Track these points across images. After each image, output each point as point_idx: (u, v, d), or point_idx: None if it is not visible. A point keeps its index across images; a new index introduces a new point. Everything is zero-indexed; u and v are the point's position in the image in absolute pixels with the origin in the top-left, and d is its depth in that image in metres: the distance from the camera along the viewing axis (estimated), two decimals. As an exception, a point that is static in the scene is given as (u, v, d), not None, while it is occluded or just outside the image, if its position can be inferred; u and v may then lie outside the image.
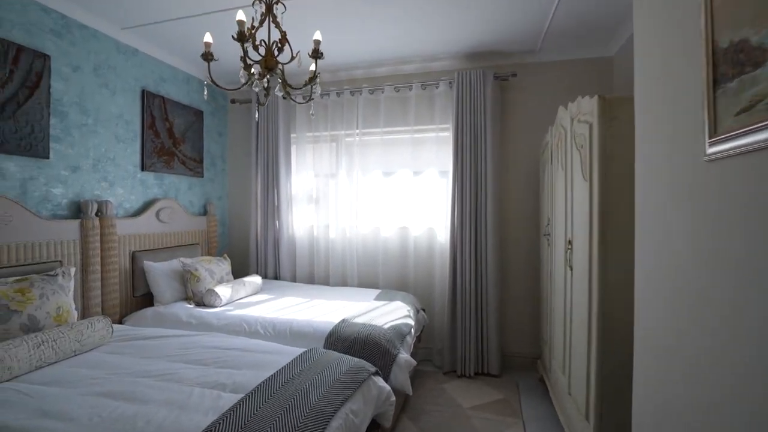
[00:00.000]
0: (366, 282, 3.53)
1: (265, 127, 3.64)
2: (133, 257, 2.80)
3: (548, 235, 2.62)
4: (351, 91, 3.48)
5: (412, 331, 2.52)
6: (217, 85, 1.80)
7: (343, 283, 3.55)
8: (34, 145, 2.24)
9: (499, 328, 3.11)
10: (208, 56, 1.76)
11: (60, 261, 2.31)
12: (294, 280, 3.70)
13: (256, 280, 3.17)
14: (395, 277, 3.46)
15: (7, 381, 1.59)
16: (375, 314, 2.50)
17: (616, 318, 1.60)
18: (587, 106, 1.74)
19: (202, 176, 3.58)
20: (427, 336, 3.31)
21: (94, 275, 2.48)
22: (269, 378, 1.56)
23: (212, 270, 3.00)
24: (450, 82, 3.27)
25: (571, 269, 1.99)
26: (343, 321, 2.34)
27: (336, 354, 1.90)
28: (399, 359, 2.10)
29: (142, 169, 2.95)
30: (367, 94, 3.45)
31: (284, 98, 3.57)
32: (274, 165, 3.64)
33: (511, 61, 3.22)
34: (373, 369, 1.81)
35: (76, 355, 1.86)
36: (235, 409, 1.32)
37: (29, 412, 1.34)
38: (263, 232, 3.70)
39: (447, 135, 3.34)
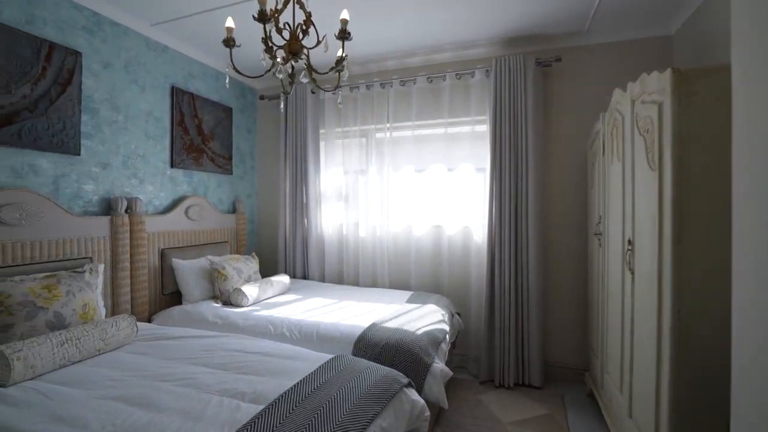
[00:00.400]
0: (397, 283, 3.37)
1: (294, 122, 3.56)
2: (162, 255, 2.78)
3: (600, 234, 2.36)
4: (381, 84, 3.33)
5: (447, 337, 2.33)
6: (239, 72, 1.69)
7: (373, 283, 3.41)
8: (65, 142, 2.24)
9: (541, 335, 2.86)
10: (229, 42, 1.66)
11: (90, 258, 2.30)
12: (323, 279, 3.60)
13: (284, 279, 3.09)
14: (428, 278, 3.28)
15: (30, 379, 1.55)
16: (407, 318, 2.33)
17: (694, 330, 1.35)
18: (655, 84, 1.49)
19: (231, 173, 3.55)
20: (462, 342, 3.10)
21: (123, 272, 2.47)
22: (292, 388, 1.43)
23: (240, 269, 2.93)
24: (487, 70, 3.05)
25: (632, 273, 1.74)
26: (372, 325, 2.19)
27: (365, 362, 1.75)
28: (434, 369, 1.92)
29: (172, 166, 2.93)
30: (398, 86, 3.29)
31: (313, 93, 3.49)
32: (302, 162, 3.55)
33: (555, 45, 2.96)
34: (405, 380, 1.65)
35: (100, 354, 1.81)
36: (253, 424, 1.19)
37: (45, 416, 1.28)
38: (292, 231, 3.62)
39: (484, 128, 3.13)
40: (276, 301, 2.79)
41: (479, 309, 3.08)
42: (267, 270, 3.80)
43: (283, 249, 3.64)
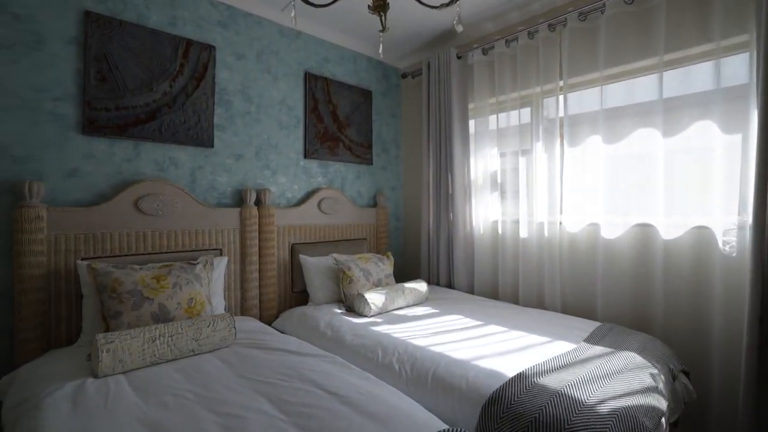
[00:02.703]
0: (575, 307, 2.36)
1: (437, 99, 2.97)
2: (293, 250, 2.63)
3: None
4: (550, 25, 2.39)
5: (664, 421, 1.30)
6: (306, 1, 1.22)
7: (539, 304, 2.49)
8: (199, 135, 2.27)
9: None
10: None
11: (220, 249, 2.29)
12: (471, 291, 2.88)
13: (419, 287, 2.53)
14: (627, 305, 2.15)
15: (121, 373, 1.46)
16: (583, 372, 1.42)
17: None
18: None
19: (371, 164, 3.22)
20: (693, 418, 1.88)
21: (251, 266, 2.39)
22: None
23: (368, 270, 2.53)
24: (750, -45, 1.76)
25: None
26: (520, 377, 1.39)
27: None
28: (632, 493, 1.00)
29: (305, 156, 2.78)
30: (576, 21, 2.28)
31: (459, 57, 2.80)
32: (447, 144, 2.93)
33: None
34: None
35: (194, 355, 1.64)
36: None
37: (74, 430, 1.09)
38: (435, 228, 3.04)
39: (740, 59, 1.83)
40: (404, 314, 2.26)
41: (732, 366, 1.80)
42: (409, 273, 3.34)
43: (426, 250, 3.10)
